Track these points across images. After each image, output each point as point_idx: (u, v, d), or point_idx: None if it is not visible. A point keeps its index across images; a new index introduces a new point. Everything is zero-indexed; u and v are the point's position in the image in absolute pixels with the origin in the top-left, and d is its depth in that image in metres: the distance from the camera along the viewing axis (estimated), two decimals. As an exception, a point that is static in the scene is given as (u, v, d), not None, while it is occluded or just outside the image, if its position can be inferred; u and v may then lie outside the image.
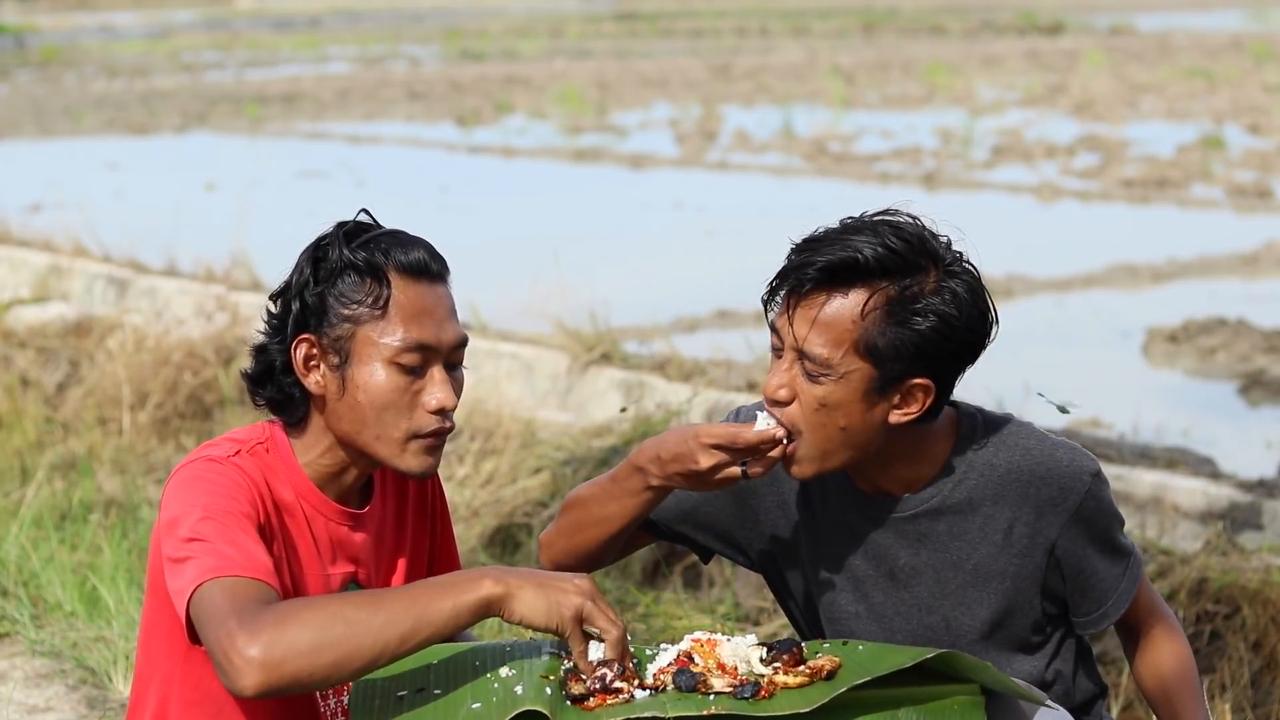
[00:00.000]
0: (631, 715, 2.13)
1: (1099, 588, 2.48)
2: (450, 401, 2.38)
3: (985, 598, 2.46)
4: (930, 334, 2.32)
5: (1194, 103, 21.52)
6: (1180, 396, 8.20)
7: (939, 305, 2.32)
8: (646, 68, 29.69)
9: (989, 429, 2.48)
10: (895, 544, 2.48)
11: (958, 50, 33.12)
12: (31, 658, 4.56)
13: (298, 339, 2.39)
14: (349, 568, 2.47)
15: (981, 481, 2.44)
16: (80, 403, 7.18)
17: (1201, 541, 4.92)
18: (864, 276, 2.31)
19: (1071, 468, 2.44)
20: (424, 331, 2.37)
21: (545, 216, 13.84)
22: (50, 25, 49.20)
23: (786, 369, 2.36)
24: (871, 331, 2.31)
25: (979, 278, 2.38)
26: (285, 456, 2.43)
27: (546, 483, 5.70)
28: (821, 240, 2.35)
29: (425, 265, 2.39)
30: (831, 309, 2.31)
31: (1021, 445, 2.45)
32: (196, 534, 2.24)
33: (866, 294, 2.31)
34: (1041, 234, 12.72)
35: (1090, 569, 2.47)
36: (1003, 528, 2.44)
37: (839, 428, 2.35)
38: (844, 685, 2.15)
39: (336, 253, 2.37)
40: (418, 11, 57.30)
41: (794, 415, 2.36)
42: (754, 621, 4.73)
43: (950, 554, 2.46)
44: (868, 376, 2.33)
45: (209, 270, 9.28)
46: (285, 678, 2.10)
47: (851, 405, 2.34)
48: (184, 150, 19.63)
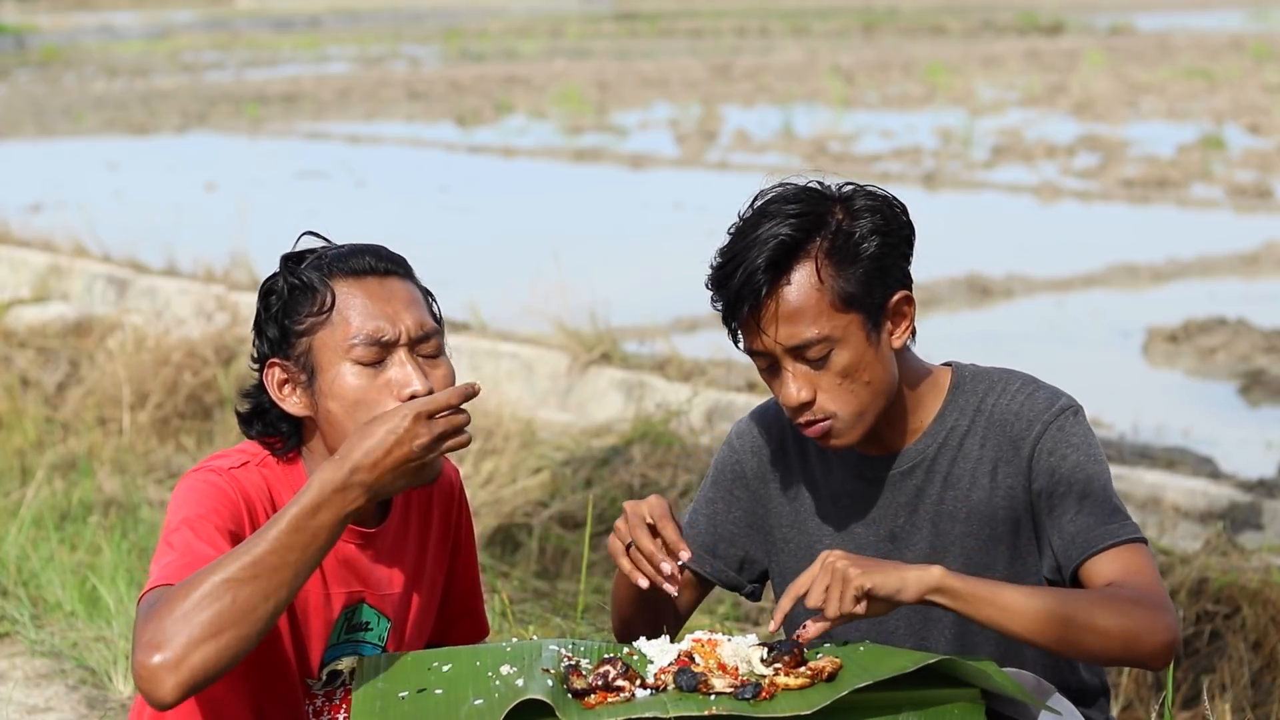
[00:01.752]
0: (632, 715, 2.13)
1: (1062, 532, 2.41)
2: (421, 384, 2.35)
3: (983, 546, 2.46)
4: (879, 251, 2.39)
5: (1194, 103, 21.52)
6: (1180, 396, 8.20)
7: (866, 225, 2.39)
8: (646, 68, 29.69)
9: (980, 377, 2.53)
10: (894, 504, 2.51)
11: (958, 50, 33.12)
12: (31, 658, 4.56)
13: (268, 366, 2.41)
14: (355, 587, 2.46)
15: (971, 426, 2.48)
16: (80, 403, 7.18)
17: (1201, 541, 4.92)
18: (796, 251, 2.37)
19: (1045, 403, 2.46)
20: (374, 323, 2.36)
21: (545, 216, 13.84)
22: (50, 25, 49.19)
23: (792, 375, 2.40)
24: (835, 285, 2.37)
25: (861, 183, 2.45)
26: (297, 470, 2.45)
27: (546, 483, 5.70)
28: (737, 254, 2.39)
29: (369, 264, 2.39)
30: (792, 295, 2.37)
31: (1009, 389, 2.49)
32: (165, 547, 2.27)
33: (808, 260, 2.37)
34: (1041, 234, 12.71)
35: (1059, 506, 2.41)
36: (989, 470, 2.46)
37: (865, 384, 2.40)
38: (845, 687, 2.16)
39: (281, 280, 2.40)
40: (418, 11, 57.30)
41: (825, 404, 2.40)
42: (754, 621, 4.73)
43: (946, 504, 2.48)
44: (860, 324, 2.39)
45: (209, 270, 9.27)
46: (197, 670, 2.11)
47: (864, 357, 2.39)
48: (184, 150, 19.63)
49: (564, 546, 5.37)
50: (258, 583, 2.15)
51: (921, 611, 2.50)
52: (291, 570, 2.18)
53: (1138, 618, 2.28)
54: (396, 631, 2.50)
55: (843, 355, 2.38)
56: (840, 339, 2.38)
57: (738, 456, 2.63)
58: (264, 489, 2.39)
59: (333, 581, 2.43)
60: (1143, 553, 2.39)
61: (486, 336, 7.62)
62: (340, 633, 2.46)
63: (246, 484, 2.37)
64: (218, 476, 2.36)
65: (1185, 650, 4.35)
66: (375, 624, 2.48)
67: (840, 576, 2.22)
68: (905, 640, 2.52)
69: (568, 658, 2.30)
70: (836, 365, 2.39)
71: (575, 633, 4.09)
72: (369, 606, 2.47)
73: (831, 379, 2.39)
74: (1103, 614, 2.27)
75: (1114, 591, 2.32)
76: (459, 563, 2.62)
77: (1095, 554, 2.38)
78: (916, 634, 2.52)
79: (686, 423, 5.97)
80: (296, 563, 2.18)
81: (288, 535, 2.18)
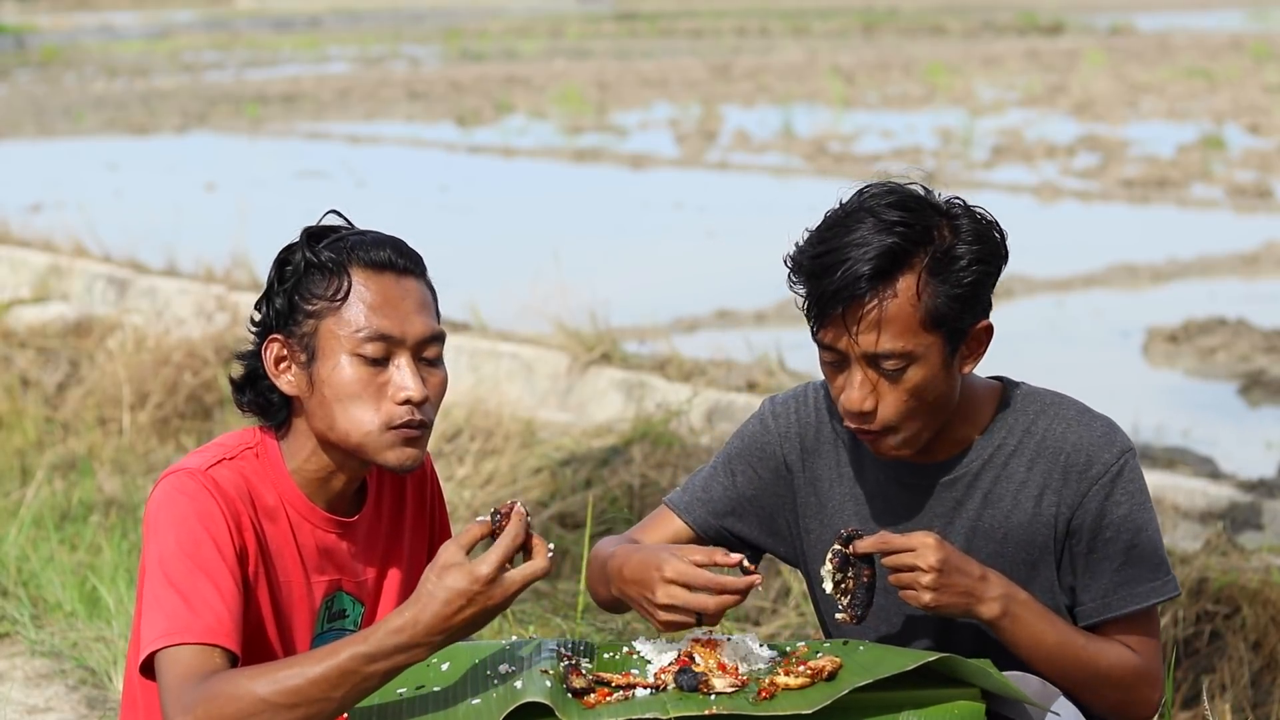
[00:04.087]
0: (632, 715, 2.13)
1: (1098, 580, 2.43)
2: (417, 392, 2.34)
3: (1012, 569, 2.45)
4: (976, 277, 2.37)
5: (1194, 103, 21.52)
6: (1180, 396, 8.20)
7: (969, 249, 2.37)
8: (646, 68, 29.68)
9: (1032, 398, 2.51)
10: (930, 513, 2.49)
11: (958, 50, 33.12)
12: (31, 658, 4.56)
13: (268, 340, 2.40)
14: (333, 575, 2.45)
15: (1019, 446, 2.47)
16: (80, 403, 7.18)
17: (1201, 541, 4.93)
18: (901, 262, 2.33)
19: (1104, 439, 2.45)
20: (385, 321, 2.35)
21: (545, 216, 13.83)
22: (50, 25, 49.17)
23: (861, 381, 2.37)
24: (931, 304, 2.34)
25: (967, 202, 2.43)
26: (274, 462, 2.42)
27: (546, 483, 5.70)
28: (838, 249, 2.34)
29: (389, 259, 2.38)
30: (890, 304, 2.33)
31: (1062, 414, 2.48)
32: (164, 576, 2.25)
33: (911, 275, 2.34)
34: (1041, 234, 12.69)
35: (1099, 553, 2.43)
36: (1034, 494, 2.45)
37: (929, 404, 2.40)
38: (845, 687, 2.16)
39: (300, 254, 2.38)
40: (418, 11, 57.28)
41: (885, 416, 2.38)
42: (754, 621, 4.73)
43: (984, 522, 2.47)
44: (940, 346, 2.37)
45: (209, 270, 9.27)
46: None
47: (936, 379, 2.38)
48: (184, 150, 19.62)
49: (564, 546, 5.36)
50: (297, 711, 2.13)
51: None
52: (334, 704, 2.15)
53: (1136, 692, 2.44)
54: (370, 616, 2.50)
55: (918, 373, 2.37)
56: (920, 357, 2.36)
57: (770, 438, 2.60)
58: (243, 487, 2.37)
59: (313, 570, 2.43)
60: (1155, 618, 2.48)
61: (486, 336, 7.62)
62: (323, 621, 2.46)
63: (225, 483, 2.34)
64: (197, 485, 2.32)
65: (1185, 650, 4.35)
66: (351, 610, 2.48)
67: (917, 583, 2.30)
68: (924, 638, 2.52)
69: (567, 657, 2.30)
70: (909, 382, 2.37)
71: (575, 633, 4.09)
72: (345, 593, 2.47)
73: (899, 394, 2.37)
74: (1113, 675, 2.41)
75: (1125, 657, 2.43)
76: (437, 543, 2.61)
77: (1123, 615, 2.45)
78: (936, 632, 2.52)
79: (686, 423, 5.97)
80: (341, 699, 2.15)
81: (338, 675, 2.14)
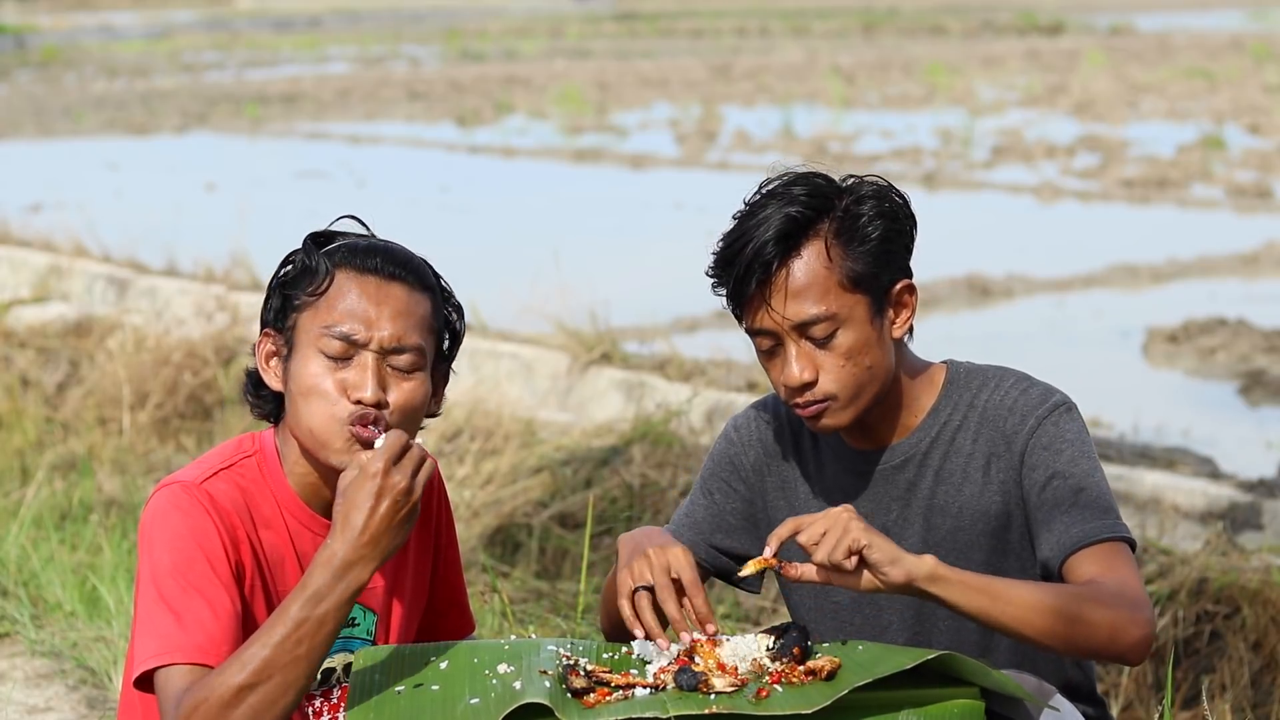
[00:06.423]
0: (632, 714, 2.13)
1: (1052, 529, 2.40)
2: (370, 393, 2.32)
3: (975, 541, 2.47)
4: (882, 232, 2.43)
5: (1194, 103, 21.52)
6: (1180, 396, 8.20)
7: (870, 205, 2.44)
8: (646, 68, 29.69)
9: (975, 374, 2.55)
10: (886, 498, 2.53)
11: (958, 50, 33.12)
12: (31, 658, 4.55)
13: (261, 336, 2.43)
14: None
15: (964, 421, 2.50)
16: (80, 403, 7.18)
17: (1201, 541, 4.92)
18: (805, 229, 2.41)
19: (1040, 399, 2.48)
20: (350, 320, 2.34)
21: (545, 216, 13.83)
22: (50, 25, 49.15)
23: (796, 354, 2.42)
24: (844, 265, 2.41)
25: (863, 176, 2.50)
26: (272, 469, 2.42)
27: (546, 483, 5.70)
28: (745, 232, 2.42)
29: (376, 264, 2.38)
30: (801, 271, 2.41)
31: (1002, 385, 2.51)
32: (158, 594, 2.26)
33: (818, 240, 2.42)
34: (1041, 234, 12.71)
35: (1048, 503, 2.41)
36: (981, 464, 2.48)
37: (865, 368, 2.44)
38: (845, 687, 2.16)
39: (300, 255, 2.41)
40: (418, 11, 57.28)
41: (825, 386, 2.43)
42: (754, 621, 4.73)
43: (938, 499, 2.50)
44: (865, 305, 2.43)
45: (209, 270, 9.28)
46: None
47: (869, 341, 2.43)
48: (184, 150, 19.63)
49: (564, 546, 5.37)
50: (274, 680, 2.16)
51: (915, 607, 2.51)
52: (306, 662, 2.18)
53: (1119, 612, 2.29)
54: (383, 624, 2.50)
55: (847, 335, 2.42)
56: (846, 319, 2.41)
57: (736, 449, 2.65)
58: (239, 499, 2.36)
59: None
60: (1124, 551, 2.39)
61: (486, 337, 7.62)
62: None
63: (220, 497, 2.34)
64: (191, 500, 2.32)
65: (1185, 650, 4.35)
66: (362, 618, 2.48)
67: (842, 527, 2.24)
68: (899, 636, 2.52)
69: (566, 657, 2.30)
70: (840, 346, 2.42)
71: (575, 633, 4.09)
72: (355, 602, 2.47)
73: (834, 360, 2.42)
74: (1089, 607, 2.28)
75: (1097, 587, 2.32)
76: (444, 557, 2.62)
77: (1081, 549, 2.37)
78: (910, 629, 2.52)
79: (686, 423, 5.97)
80: (309, 654, 2.19)
81: (295, 628, 2.18)
